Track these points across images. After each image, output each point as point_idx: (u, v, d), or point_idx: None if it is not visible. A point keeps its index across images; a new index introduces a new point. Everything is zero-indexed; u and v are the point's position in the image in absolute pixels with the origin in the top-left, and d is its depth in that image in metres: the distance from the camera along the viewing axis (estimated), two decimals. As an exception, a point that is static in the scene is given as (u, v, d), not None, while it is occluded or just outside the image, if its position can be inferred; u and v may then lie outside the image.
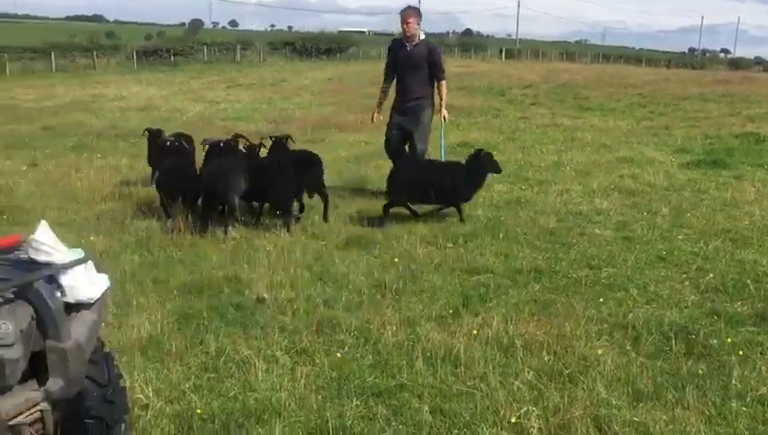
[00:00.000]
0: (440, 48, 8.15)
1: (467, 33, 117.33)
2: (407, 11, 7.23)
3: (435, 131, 7.50)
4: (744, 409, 3.19)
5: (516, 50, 66.73)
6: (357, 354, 3.73)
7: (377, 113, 7.65)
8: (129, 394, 2.79)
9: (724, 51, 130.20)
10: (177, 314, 4.24)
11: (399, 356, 3.70)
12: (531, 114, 16.35)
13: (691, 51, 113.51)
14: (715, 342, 3.85)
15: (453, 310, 4.32)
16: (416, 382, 3.42)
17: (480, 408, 3.17)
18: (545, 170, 9.09)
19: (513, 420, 3.06)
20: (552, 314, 4.29)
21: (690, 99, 20.07)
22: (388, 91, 7.58)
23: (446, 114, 7.39)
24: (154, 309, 4.30)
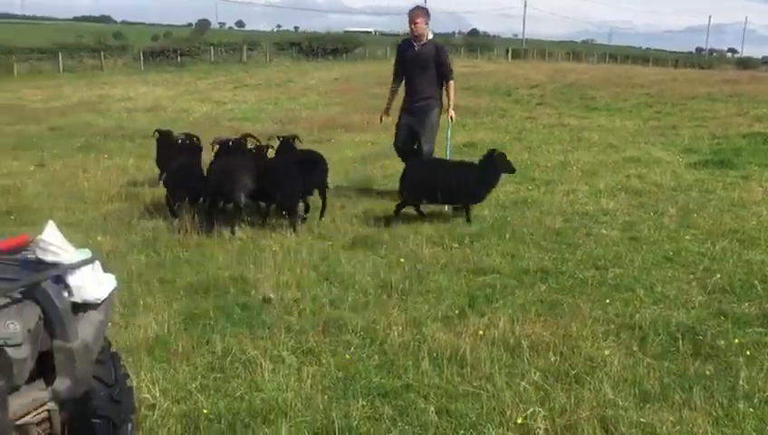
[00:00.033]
0: (447, 48, 8.14)
1: (473, 33, 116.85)
2: (415, 11, 7.21)
3: (442, 132, 7.49)
4: (752, 410, 3.18)
5: (523, 50, 66.68)
6: (363, 355, 3.73)
7: (385, 114, 7.67)
8: (135, 394, 2.79)
9: (732, 50, 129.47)
10: (184, 314, 4.25)
11: (405, 356, 3.70)
12: (537, 114, 16.32)
13: (698, 50, 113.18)
14: (723, 342, 3.84)
15: (459, 310, 4.32)
16: (422, 383, 3.42)
17: (486, 408, 3.17)
18: (552, 170, 9.07)
19: (520, 421, 3.05)
20: (559, 314, 4.28)
21: (697, 99, 19.99)
22: (397, 91, 7.58)
23: (453, 114, 7.39)
24: (161, 309, 4.31)
